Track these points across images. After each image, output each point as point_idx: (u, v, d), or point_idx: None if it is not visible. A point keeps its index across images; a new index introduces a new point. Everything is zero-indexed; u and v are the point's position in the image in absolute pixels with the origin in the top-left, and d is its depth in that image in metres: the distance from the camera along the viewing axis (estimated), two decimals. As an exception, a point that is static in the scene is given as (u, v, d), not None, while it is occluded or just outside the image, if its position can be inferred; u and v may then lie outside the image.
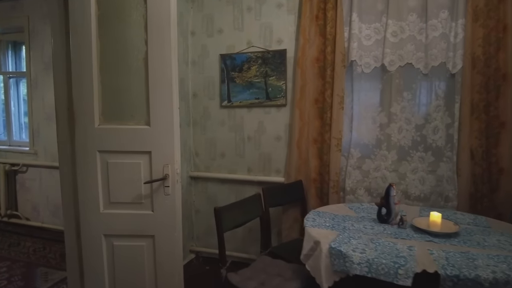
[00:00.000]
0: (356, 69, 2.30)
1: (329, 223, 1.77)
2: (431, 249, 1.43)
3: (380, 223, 1.79)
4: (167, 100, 1.58)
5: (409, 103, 2.25)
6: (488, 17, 2.04)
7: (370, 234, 1.61)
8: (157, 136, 1.59)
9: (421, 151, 2.23)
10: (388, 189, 1.77)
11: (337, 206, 2.12)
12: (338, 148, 2.33)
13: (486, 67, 2.06)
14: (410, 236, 1.59)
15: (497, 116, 2.05)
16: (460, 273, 1.22)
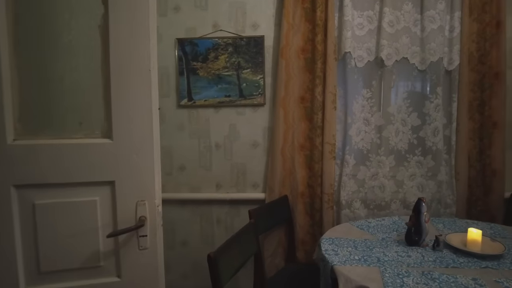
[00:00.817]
0: (350, 63, 1.99)
1: (357, 254, 1.41)
2: (498, 278, 1.19)
3: (409, 245, 1.50)
4: (142, 96, 0.99)
5: (405, 102, 2.05)
6: (483, 11, 1.95)
7: (415, 265, 1.31)
8: (125, 155, 0.99)
9: (419, 155, 2.06)
10: (419, 205, 1.49)
11: (344, 227, 1.78)
12: (332, 155, 1.99)
13: (480, 64, 1.98)
14: (458, 263, 1.33)
15: (490, 116, 1.99)
16: None
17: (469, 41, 1.96)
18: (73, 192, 0.98)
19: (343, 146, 2.04)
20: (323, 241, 1.56)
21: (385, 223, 1.80)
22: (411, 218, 1.50)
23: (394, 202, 2.04)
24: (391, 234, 1.65)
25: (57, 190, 0.96)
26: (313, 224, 2.07)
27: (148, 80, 0.99)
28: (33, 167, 0.94)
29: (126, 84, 0.97)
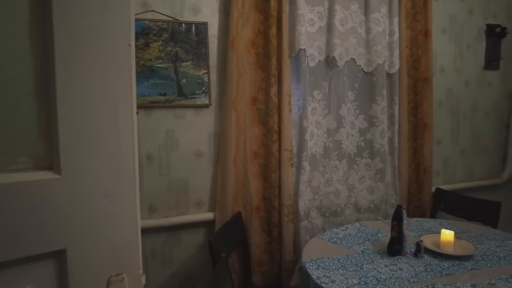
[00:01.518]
0: (304, 61, 1.84)
1: (352, 277, 1.27)
2: (489, 280, 1.22)
3: (391, 256, 1.44)
4: (116, 91, 0.59)
5: (353, 105, 2.03)
6: (414, 20, 2.09)
7: (414, 280, 1.23)
8: (86, 199, 0.56)
9: (367, 157, 2.07)
10: (400, 213, 1.44)
11: (315, 243, 1.62)
12: (290, 162, 1.81)
13: (413, 69, 2.12)
14: (446, 268, 1.32)
15: (422, 118, 2.15)
16: None
17: (405, 46, 2.07)
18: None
19: (299, 152, 1.88)
20: (308, 266, 1.35)
21: (352, 232, 1.72)
22: (394, 227, 1.44)
23: (347, 207, 2.01)
24: (365, 244, 1.57)
25: None
26: (270, 241, 1.84)
27: (127, 63, 0.58)
28: None
29: (87, 69, 0.54)
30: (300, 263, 1.42)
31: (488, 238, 1.61)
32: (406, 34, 2.07)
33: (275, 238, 1.84)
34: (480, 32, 2.38)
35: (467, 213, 2.06)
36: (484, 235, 1.65)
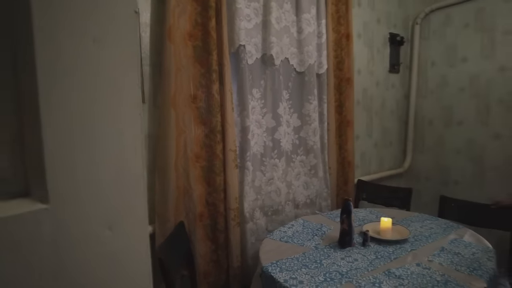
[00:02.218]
0: (244, 58, 1.78)
1: (317, 274, 1.28)
2: (428, 257, 1.39)
3: (343, 248, 1.51)
4: (120, 81, 0.43)
5: (288, 103, 2.07)
6: (338, 23, 2.25)
7: (371, 268, 1.32)
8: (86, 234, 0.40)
9: (301, 154, 2.14)
10: (348, 206, 1.52)
11: (268, 245, 1.58)
12: (235, 163, 1.74)
13: (338, 70, 2.28)
14: (392, 253, 1.45)
15: (345, 115, 2.34)
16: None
17: (331, 48, 2.21)
18: None
19: (243, 152, 1.82)
20: (272, 270, 1.31)
21: (298, 229, 1.75)
22: (344, 220, 1.51)
23: (287, 204, 2.04)
24: (315, 239, 1.62)
25: None
26: (216, 249, 1.74)
27: (133, 54, 0.43)
28: None
29: (79, 64, 0.38)
30: (261, 268, 1.36)
31: (411, 221, 1.84)
32: (331, 37, 2.21)
33: (221, 245, 1.74)
34: (385, 39, 2.73)
35: (385, 200, 2.34)
36: (407, 219, 1.88)
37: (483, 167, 2.66)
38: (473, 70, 2.66)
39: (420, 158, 3.05)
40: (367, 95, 2.63)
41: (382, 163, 2.83)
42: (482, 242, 1.57)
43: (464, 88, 2.72)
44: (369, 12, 2.57)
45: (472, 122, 2.70)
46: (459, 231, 1.70)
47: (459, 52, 2.73)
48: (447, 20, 2.80)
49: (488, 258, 1.40)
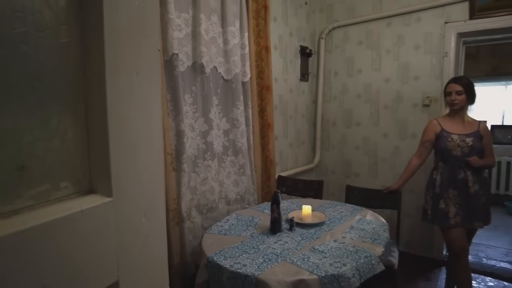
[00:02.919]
0: (177, 66, 1.89)
1: (257, 257, 1.50)
2: (342, 233, 1.73)
3: (274, 233, 1.76)
4: (149, 112, 0.57)
5: (217, 108, 2.24)
6: (258, 37, 2.51)
7: (300, 247, 1.59)
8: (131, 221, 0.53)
9: (231, 155, 2.33)
10: (277, 197, 1.78)
11: (209, 239, 1.74)
12: (172, 166, 1.84)
13: (259, 78, 2.55)
14: (314, 233, 1.76)
15: (266, 119, 2.62)
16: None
17: (253, 59, 2.46)
18: None
19: (179, 155, 1.92)
20: (217, 259, 1.47)
21: (233, 222, 1.95)
22: (274, 210, 1.76)
23: (220, 201, 2.21)
24: (250, 229, 1.84)
25: None
26: (156, 250, 1.80)
27: (157, 82, 0.56)
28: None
29: (129, 91, 0.50)
30: (206, 259, 1.51)
31: (326, 207, 2.21)
32: (253, 48, 2.47)
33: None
34: (297, 51, 3.12)
35: (301, 192, 2.71)
36: (322, 205, 2.25)
37: (376, 160, 3.27)
38: (367, 80, 3.25)
39: (327, 154, 3.56)
40: (283, 101, 2.98)
41: (297, 160, 3.23)
42: (379, 219, 2.01)
43: (360, 95, 3.30)
44: (283, 27, 2.92)
45: (366, 123, 3.29)
46: (362, 212, 2.12)
47: (355, 65, 3.30)
48: (345, 37, 3.35)
49: (384, 230, 1.82)
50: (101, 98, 0.46)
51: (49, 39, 0.42)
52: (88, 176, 0.47)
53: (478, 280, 2.77)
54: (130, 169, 0.50)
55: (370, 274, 1.46)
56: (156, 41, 0.56)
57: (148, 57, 0.54)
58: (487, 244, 3.51)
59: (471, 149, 2.16)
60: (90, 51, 0.46)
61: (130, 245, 0.52)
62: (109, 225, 0.48)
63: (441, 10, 2.85)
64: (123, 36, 0.49)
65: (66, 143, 0.44)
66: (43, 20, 0.41)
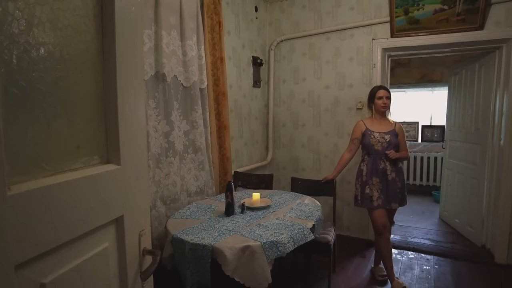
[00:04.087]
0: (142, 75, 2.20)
1: (213, 232, 1.85)
2: (283, 214, 2.14)
3: (228, 216, 2.13)
4: (140, 107, 0.93)
5: (178, 112, 2.57)
6: (214, 49, 2.88)
7: (249, 224, 1.98)
8: (131, 181, 0.89)
9: (191, 153, 2.67)
10: (230, 186, 2.15)
11: (173, 222, 2.06)
12: (139, 162, 2.13)
13: (215, 85, 2.91)
14: (261, 214, 2.15)
15: (223, 121, 2.99)
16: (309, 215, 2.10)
17: (210, 68, 2.83)
18: (84, 247, 0.72)
19: (145, 153, 2.23)
20: (180, 235, 1.81)
21: (194, 210, 2.29)
22: (228, 196, 2.14)
23: (182, 193, 2.54)
24: (208, 214, 2.19)
25: (68, 250, 0.68)
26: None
27: (142, 90, 0.92)
28: (39, 226, 0.61)
29: (129, 94, 0.86)
30: (171, 236, 1.84)
31: (273, 195, 2.63)
32: (209, 59, 2.83)
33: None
34: (249, 61, 3.53)
35: (255, 185, 3.10)
36: (270, 194, 2.66)
37: (319, 156, 3.77)
38: (310, 87, 3.75)
39: (278, 152, 4.01)
40: (238, 105, 3.37)
41: (251, 157, 3.63)
42: (315, 202, 2.46)
43: (305, 100, 3.79)
44: (236, 39, 3.31)
45: (310, 124, 3.79)
46: (302, 198, 2.56)
47: (300, 74, 3.79)
48: (292, 49, 3.82)
49: (317, 210, 2.26)
50: (114, 104, 0.81)
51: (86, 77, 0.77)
52: (106, 153, 0.82)
53: (402, 254, 3.35)
54: (130, 150, 0.86)
55: (303, 241, 1.89)
56: (141, 60, 0.92)
57: (138, 73, 0.90)
58: (414, 227, 4.16)
59: (389, 144, 2.69)
60: (108, 70, 0.81)
61: (130, 194, 0.87)
62: (118, 182, 0.83)
63: (369, 29, 3.41)
64: (125, 58, 0.84)
65: (97, 134, 0.79)
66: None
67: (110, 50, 0.80)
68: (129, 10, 0.85)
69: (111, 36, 0.79)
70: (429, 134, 5.98)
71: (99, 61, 0.79)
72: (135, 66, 0.89)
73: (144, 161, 0.94)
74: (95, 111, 0.78)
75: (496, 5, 2.90)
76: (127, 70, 0.85)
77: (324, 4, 3.60)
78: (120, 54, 0.81)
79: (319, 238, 2.51)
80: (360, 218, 3.59)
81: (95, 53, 0.77)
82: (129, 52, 0.86)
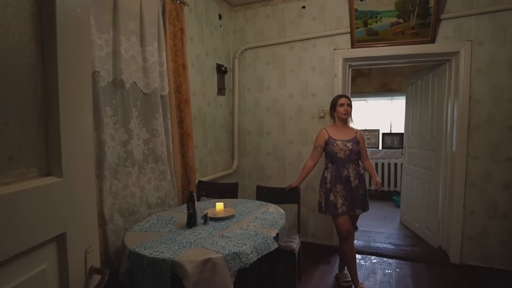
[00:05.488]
0: (98, 81, 2.10)
1: (173, 245, 1.78)
2: (247, 224, 2.12)
3: (190, 227, 2.07)
4: (86, 114, 0.87)
5: (137, 120, 2.48)
6: (176, 55, 2.82)
7: (212, 235, 1.93)
8: (75, 194, 0.83)
9: (151, 162, 2.57)
10: (192, 197, 2.10)
11: (131, 236, 1.96)
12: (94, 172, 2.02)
13: (177, 92, 2.86)
14: (224, 224, 2.11)
15: (186, 129, 2.93)
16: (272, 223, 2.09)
17: (171, 75, 2.76)
18: (15, 271, 0.65)
19: (100, 163, 2.12)
20: (138, 249, 1.73)
21: (154, 222, 2.20)
22: (190, 207, 2.08)
23: (141, 205, 2.44)
24: (169, 226, 2.11)
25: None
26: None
27: (89, 97, 0.86)
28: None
29: (73, 101, 0.80)
30: (128, 251, 1.75)
31: (238, 204, 2.60)
32: (171, 66, 2.77)
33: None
34: (213, 69, 3.50)
35: (220, 194, 3.06)
36: (235, 203, 2.63)
37: (284, 164, 3.80)
38: (274, 95, 3.78)
39: (243, 160, 3.99)
40: (202, 113, 3.32)
41: (216, 166, 3.58)
42: (279, 210, 2.46)
43: (270, 108, 3.82)
44: (200, 47, 3.28)
45: (275, 132, 3.81)
46: (267, 206, 2.55)
47: (265, 82, 3.82)
48: (256, 57, 3.85)
49: (281, 218, 2.26)
50: (55, 111, 0.75)
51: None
52: (47, 165, 0.75)
53: (366, 259, 3.43)
54: (74, 161, 0.80)
55: (266, 251, 1.87)
56: (88, 65, 0.87)
57: (85, 78, 0.84)
58: (376, 231, 4.29)
59: (351, 151, 2.76)
60: (49, 75, 0.75)
61: (74, 209, 0.81)
62: (60, 196, 0.76)
63: (331, 39, 3.52)
64: (69, 63, 0.79)
65: (35, 144, 0.73)
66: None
67: (50, 53, 0.74)
68: (73, 11, 0.79)
69: (52, 39, 0.74)
70: (389, 141, 6.26)
71: (38, 64, 0.73)
72: (82, 72, 0.84)
73: (91, 172, 0.88)
74: (33, 120, 0.72)
75: (444, 21, 3.11)
76: (72, 75, 0.80)
77: (287, 14, 3.67)
78: (63, 58, 0.76)
79: (284, 247, 2.50)
80: (325, 225, 3.65)
81: (32, 56, 0.71)
82: (75, 57, 0.81)
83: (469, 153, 3.11)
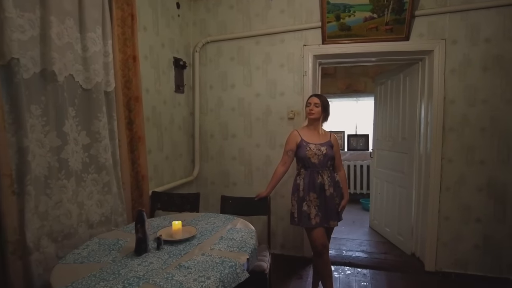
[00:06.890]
0: (19, 72, 1.65)
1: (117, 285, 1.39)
2: (211, 247, 1.77)
3: (139, 255, 1.68)
4: None
5: (74, 121, 2.03)
6: (125, 45, 2.41)
7: (166, 266, 1.56)
8: None
9: (93, 172, 2.14)
10: (142, 216, 1.71)
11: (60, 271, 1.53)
12: (11, 189, 1.58)
13: (126, 88, 2.44)
14: (182, 250, 1.75)
15: (136, 131, 2.51)
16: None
17: (119, 68, 2.34)
18: None
19: (21, 176, 1.66)
20: None
21: (94, 248, 1.78)
22: (139, 229, 1.69)
23: (80, 226, 2.00)
24: (112, 254, 1.71)
25: None
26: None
27: None
28: None
29: None
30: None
31: (199, 220, 2.23)
32: (119, 57, 2.35)
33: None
34: (170, 63, 3.10)
35: (178, 207, 2.67)
36: (196, 219, 2.26)
37: (251, 169, 3.48)
38: (240, 94, 3.46)
39: (206, 166, 3.62)
40: (156, 112, 2.91)
41: (174, 173, 3.18)
42: (248, 227, 2.13)
43: (235, 108, 3.49)
44: (154, 37, 2.87)
45: (241, 135, 3.49)
46: (234, 221, 2.22)
47: (229, 79, 3.48)
48: (219, 52, 3.50)
49: (251, 237, 1.93)
50: None
51: None
52: None
53: (339, 271, 3.21)
54: None
55: (235, 283, 1.54)
56: None
57: None
58: (347, 238, 4.12)
59: (325, 156, 2.51)
60: None
61: None
62: None
63: (300, 34, 3.27)
64: None
65: None
66: None
67: None
68: None
69: None
70: (355, 142, 6.19)
71: None
72: None
73: None
74: None
75: (419, 18, 2.97)
76: None
77: (253, 6, 3.37)
78: None
79: (253, 267, 2.19)
80: (295, 235, 3.39)
81: None
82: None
83: (444, 156, 3.00)
